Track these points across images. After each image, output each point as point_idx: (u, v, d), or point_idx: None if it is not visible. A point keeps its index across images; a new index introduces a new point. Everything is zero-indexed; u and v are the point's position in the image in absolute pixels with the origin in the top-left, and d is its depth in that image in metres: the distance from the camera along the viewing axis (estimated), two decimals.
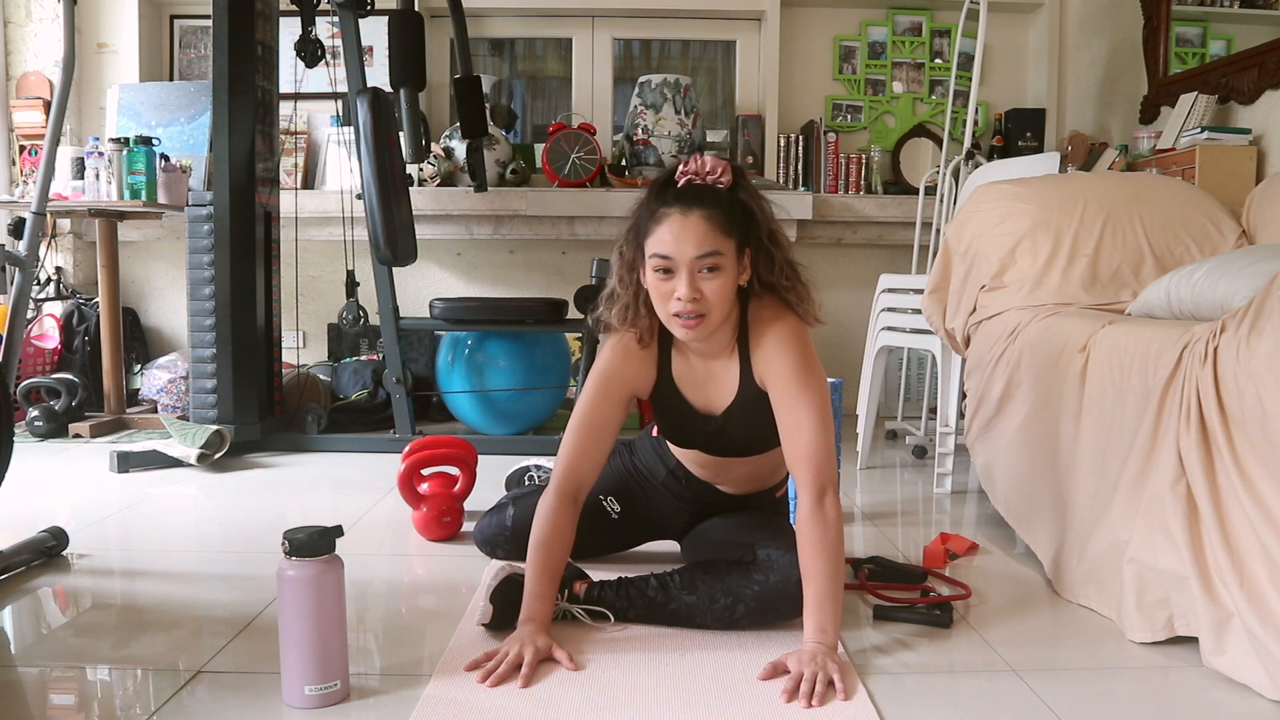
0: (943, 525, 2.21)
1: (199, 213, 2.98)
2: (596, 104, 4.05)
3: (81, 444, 3.15)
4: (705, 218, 1.41)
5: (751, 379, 1.53)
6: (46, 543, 1.85)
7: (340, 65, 3.13)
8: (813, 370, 1.49)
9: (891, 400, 3.77)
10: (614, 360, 1.55)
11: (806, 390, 1.47)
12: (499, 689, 1.28)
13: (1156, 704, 1.29)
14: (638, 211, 1.49)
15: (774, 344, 1.49)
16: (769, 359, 1.49)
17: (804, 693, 1.25)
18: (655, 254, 1.42)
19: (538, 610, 1.42)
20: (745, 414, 1.56)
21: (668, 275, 1.42)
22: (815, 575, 1.39)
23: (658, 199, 1.45)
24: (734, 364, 1.54)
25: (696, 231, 1.40)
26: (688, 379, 1.57)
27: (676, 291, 1.41)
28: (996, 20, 3.76)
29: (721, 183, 1.46)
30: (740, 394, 1.55)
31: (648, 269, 1.45)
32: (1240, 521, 1.34)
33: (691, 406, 1.58)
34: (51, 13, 3.80)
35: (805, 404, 1.46)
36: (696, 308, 1.41)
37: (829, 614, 1.37)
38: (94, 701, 1.30)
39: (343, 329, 3.74)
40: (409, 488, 2.00)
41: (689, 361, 1.57)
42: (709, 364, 1.56)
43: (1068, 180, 2.47)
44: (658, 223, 1.42)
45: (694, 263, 1.40)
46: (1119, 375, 1.62)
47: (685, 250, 1.40)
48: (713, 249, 1.41)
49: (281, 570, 1.23)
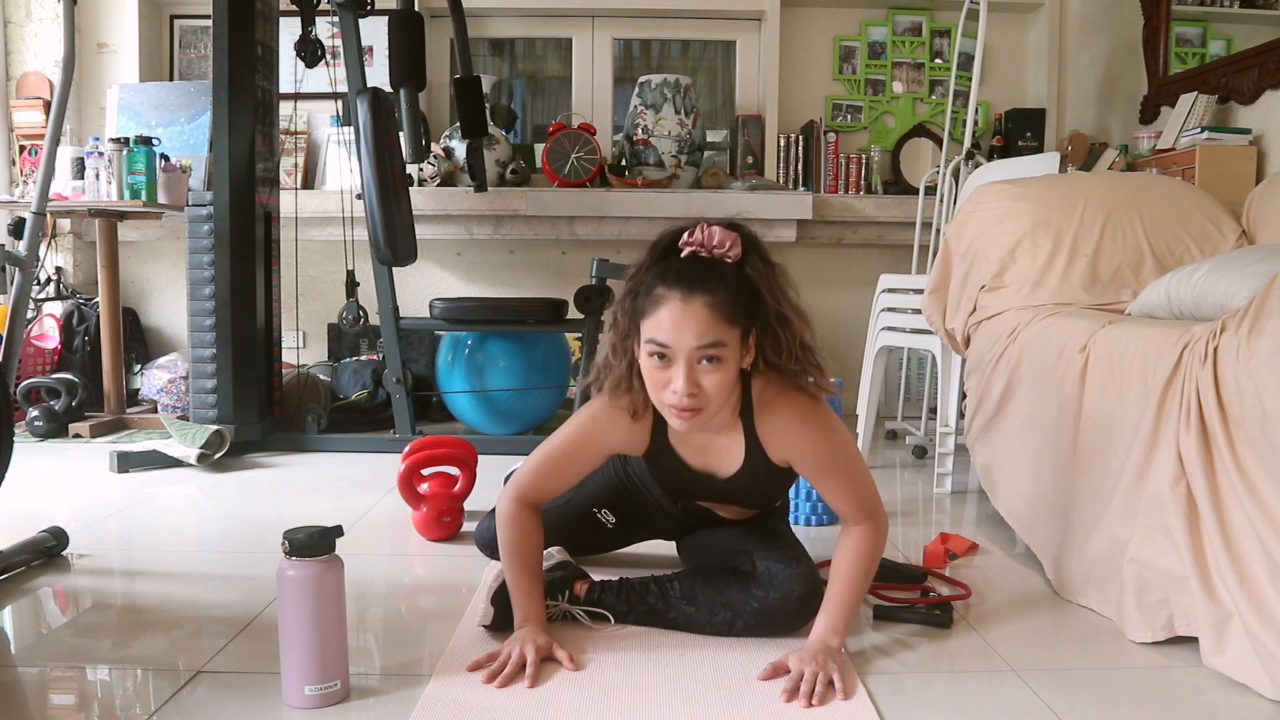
0: (943, 525, 2.21)
1: (199, 213, 2.98)
2: (596, 104, 4.05)
3: (81, 444, 3.15)
4: (708, 306, 1.29)
5: (760, 454, 1.45)
6: (46, 543, 1.85)
7: (340, 65, 3.13)
8: (837, 440, 1.44)
9: (891, 400, 3.77)
10: (602, 424, 1.46)
11: (840, 462, 1.44)
12: (498, 690, 1.28)
13: (1156, 704, 1.29)
14: (635, 279, 1.38)
15: (792, 430, 1.42)
16: (789, 444, 1.43)
17: (804, 692, 1.25)
18: (651, 339, 1.31)
19: (532, 610, 1.42)
20: (753, 481, 1.49)
21: (664, 362, 1.31)
22: (844, 575, 1.41)
23: (658, 276, 1.33)
24: (738, 437, 1.46)
25: (698, 322, 1.28)
26: (687, 445, 1.49)
27: (672, 384, 1.30)
28: (996, 20, 3.76)
29: (730, 257, 1.34)
30: (747, 464, 1.47)
31: (642, 353, 1.34)
32: (1240, 521, 1.34)
33: (690, 469, 1.50)
34: (51, 13, 3.80)
35: (842, 473, 1.44)
36: (693, 402, 1.30)
37: (843, 617, 1.38)
38: (94, 701, 1.30)
39: (343, 329, 3.74)
40: (409, 488, 2.00)
41: (686, 438, 1.48)
42: (708, 438, 1.48)
43: (1068, 180, 2.47)
44: (656, 305, 1.30)
45: (693, 353, 1.29)
46: (1119, 375, 1.62)
47: (684, 340, 1.29)
48: (714, 340, 1.29)
49: (281, 570, 1.23)
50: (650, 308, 1.31)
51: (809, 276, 3.97)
